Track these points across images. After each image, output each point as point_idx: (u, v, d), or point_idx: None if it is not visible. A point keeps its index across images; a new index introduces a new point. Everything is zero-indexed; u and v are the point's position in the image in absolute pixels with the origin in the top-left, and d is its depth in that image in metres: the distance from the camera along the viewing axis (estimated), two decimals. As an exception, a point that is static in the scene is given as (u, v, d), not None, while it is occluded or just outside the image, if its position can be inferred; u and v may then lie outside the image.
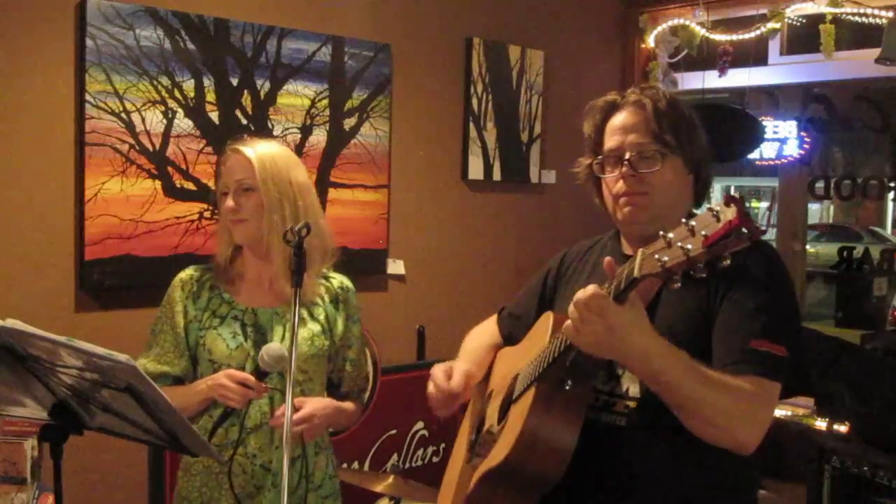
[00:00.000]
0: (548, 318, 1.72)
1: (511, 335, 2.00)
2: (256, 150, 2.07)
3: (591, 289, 1.40)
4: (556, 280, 1.92)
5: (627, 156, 1.65)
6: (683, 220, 1.23)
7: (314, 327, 2.12)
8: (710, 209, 1.19)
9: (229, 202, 2.05)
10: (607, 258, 1.43)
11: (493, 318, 2.11)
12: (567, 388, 1.54)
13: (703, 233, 1.17)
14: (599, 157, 1.72)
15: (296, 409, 1.97)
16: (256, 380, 1.92)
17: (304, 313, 2.11)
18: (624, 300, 1.38)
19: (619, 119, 1.69)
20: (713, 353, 1.54)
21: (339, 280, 2.22)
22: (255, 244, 2.08)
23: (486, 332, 2.08)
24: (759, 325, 1.51)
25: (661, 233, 1.26)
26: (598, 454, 1.60)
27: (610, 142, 1.69)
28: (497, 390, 1.87)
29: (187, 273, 2.14)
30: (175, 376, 2.08)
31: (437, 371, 1.89)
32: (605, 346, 1.42)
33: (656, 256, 1.25)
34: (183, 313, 2.08)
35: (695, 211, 1.72)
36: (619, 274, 1.38)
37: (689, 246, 1.19)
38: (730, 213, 1.15)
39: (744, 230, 1.15)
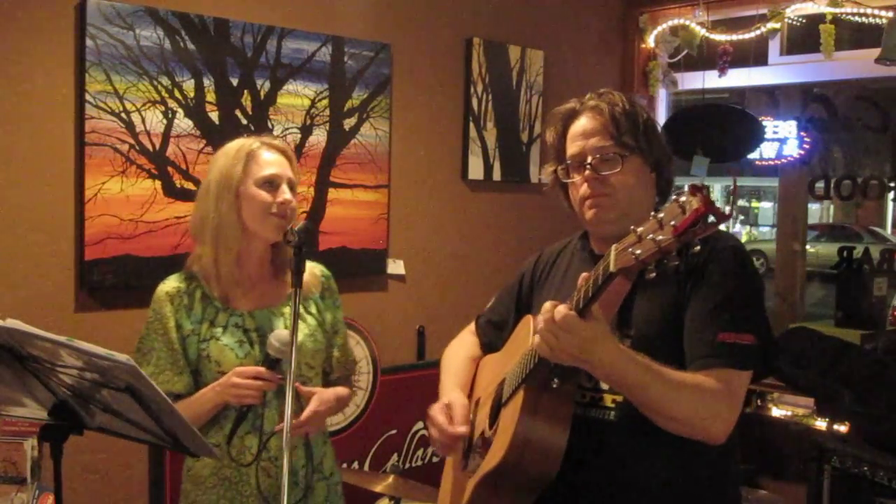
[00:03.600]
0: (528, 323, 1.76)
1: (491, 343, 2.03)
2: (289, 151, 2.08)
3: (562, 309, 1.45)
4: (530, 285, 1.97)
5: (589, 160, 1.72)
6: (652, 213, 1.27)
7: (311, 322, 2.11)
8: (677, 200, 1.23)
9: (287, 195, 2.00)
10: (582, 275, 1.47)
11: (470, 329, 2.14)
12: (554, 385, 1.59)
13: (671, 223, 1.22)
14: (564, 163, 1.79)
15: (306, 402, 1.98)
16: (268, 370, 1.91)
17: (301, 310, 2.07)
18: (588, 314, 1.43)
19: (580, 125, 1.76)
20: (685, 348, 1.60)
21: (319, 269, 2.18)
22: (269, 243, 2.05)
23: (464, 345, 2.11)
24: (724, 318, 1.57)
25: (633, 227, 1.30)
26: (588, 449, 1.64)
27: (572, 147, 1.76)
28: (484, 397, 1.89)
29: (172, 285, 2.04)
30: (177, 394, 1.99)
31: (438, 415, 1.87)
32: (574, 359, 1.49)
33: (629, 250, 1.29)
34: (176, 328, 2.00)
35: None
36: (587, 282, 1.42)
37: (661, 237, 1.23)
38: (696, 202, 1.20)
39: (710, 217, 1.20)
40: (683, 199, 1.21)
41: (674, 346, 1.60)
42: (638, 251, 1.27)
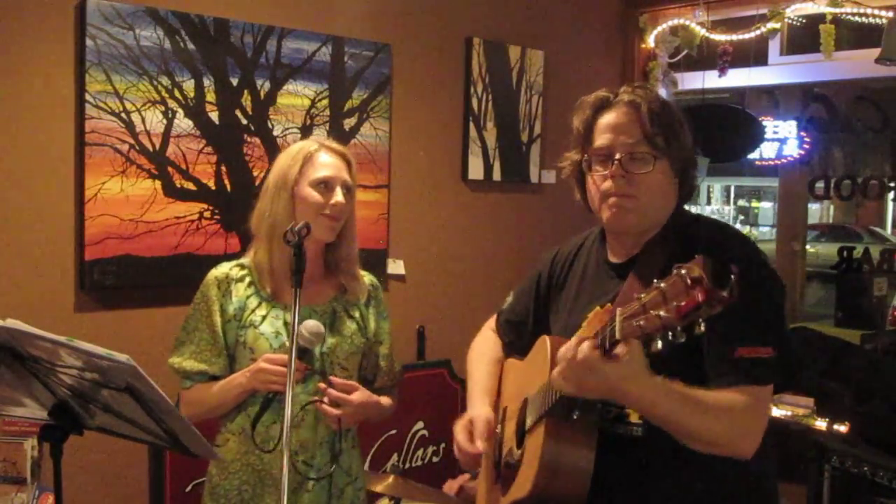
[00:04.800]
0: (545, 343, 1.72)
1: (512, 342, 2.01)
2: (348, 155, 2.11)
3: (585, 348, 1.41)
4: (547, 285, 1.92)
5: (618, 156, 1.63)
6: (655, 280, 1.24)
7: (351, 325, 2.13)
8: (679, 273, 1.20)
9: (341, 198, 2.04)
10: (595, 311, 1.45)
11: (491, 324, 2.12)
12: (575, 417, 1.57)
13: (674, 303, 1.20)
14: (587, 153, 1.70)
15: (347, 393, 2.01)
16: (297, 359, 1.91)
17: (342, 312, 2.12)
18: (614, 355, 1.40)
19: (611, 117, 1.67)
20: (706, 363, 1.56)
21: (368, 278, 2.24)
22: (323, 243, 2.10)
23: (488, 344, 2.09)
24: (743, 332, 1.53)
25: (636, 295, 1.28)
26: (616, 465, 1.61)
27: (600, 140, 1.67)
28: (511, 410, 1.87)
29: (222, 271, 2.10)
30: (212, 375, 2.06)
31: (459, 433, 1.87)
32: (601, 395, 1.48)
33: (634, 322, 1.27)
34: (220, 312, 2.06)
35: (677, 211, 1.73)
36: (604, 329, 1.39)
37: (664, 314, 1.22)
38: (698, 293, 1.17)
39: (715, 301, 1.17)
40: (684, 271, 1.19)
41: (697, 359, 1.56)
42: (642, 322, 1.26)
